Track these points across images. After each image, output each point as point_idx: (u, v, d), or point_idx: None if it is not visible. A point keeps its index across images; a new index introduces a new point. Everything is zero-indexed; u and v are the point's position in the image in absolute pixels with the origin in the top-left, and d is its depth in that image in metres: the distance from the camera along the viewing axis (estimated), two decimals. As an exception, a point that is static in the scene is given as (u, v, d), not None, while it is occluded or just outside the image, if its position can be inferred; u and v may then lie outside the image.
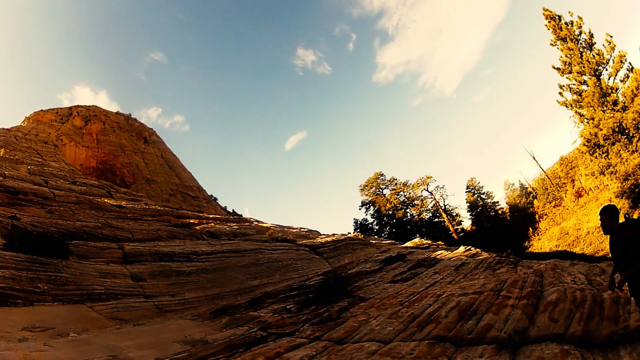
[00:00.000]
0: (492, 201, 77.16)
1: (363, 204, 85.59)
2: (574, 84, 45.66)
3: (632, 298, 6.34)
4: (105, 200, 30.62)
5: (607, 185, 48.83)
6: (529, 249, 55.41)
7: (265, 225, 35.52)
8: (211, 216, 35.75)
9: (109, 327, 12.22)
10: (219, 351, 8.73)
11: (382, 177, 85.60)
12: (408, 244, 30.07)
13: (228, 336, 10.12)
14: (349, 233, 40.53)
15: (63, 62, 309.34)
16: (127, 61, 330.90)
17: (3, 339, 10.50)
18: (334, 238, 31.23)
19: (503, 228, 67.61)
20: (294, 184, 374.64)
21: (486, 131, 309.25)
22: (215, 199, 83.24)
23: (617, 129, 39.95)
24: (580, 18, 45.77)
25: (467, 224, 79.77)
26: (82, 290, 14.45)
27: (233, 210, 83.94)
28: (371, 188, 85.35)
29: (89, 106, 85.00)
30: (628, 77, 42.81)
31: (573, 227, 50.81)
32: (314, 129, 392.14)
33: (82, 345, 10.23)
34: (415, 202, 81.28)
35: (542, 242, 55.43)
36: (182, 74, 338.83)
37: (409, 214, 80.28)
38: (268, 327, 10.54)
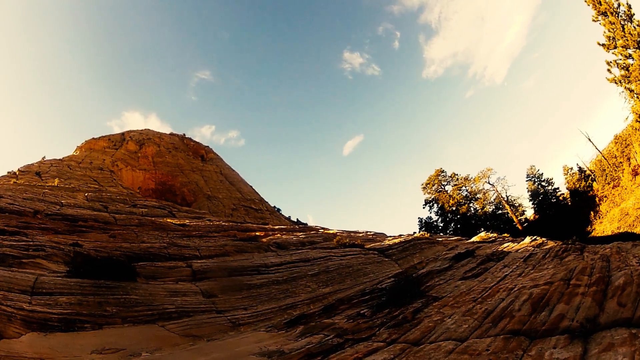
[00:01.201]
0: (552, 188, 75.46)
1: (426, 202, 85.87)
2: (620, 59, 44.70)
3: None
4: (168, 220, 31.39)
5: (663, 160, 46.91)
6: (592, 234, 54.48)
7: (331, 232, 35.78)
8: (276, 227, 36.10)
9: (183, 345, 12.25)
10: (298, 360, 8.61)
11: (443, 174, 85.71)
12: (474, 238, 29.59)
13: (304, 345, 10.04)
14: (414, 233, 40.83)
15: (109, 89, 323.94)
16: (175, 82, 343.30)
17: None
18: (402, 239, 31.33)
19: (565, 214, 66.92)
20: (355, 189, 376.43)
21: (540, 117, 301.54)
22: (279, 209, 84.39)
23: (666, 102, 38.40)
24: (616, -10, 44.74)
25: (529, 213, 78.57)
26: (153, 310, 14.71)
27: (297, 219, 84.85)
28: (433, 185, 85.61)
29: (142, 130, 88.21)
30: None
31: (632, 207, 49.31)
32: (370, 131, 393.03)
33: (156, 364, 10.26)
34: (478, 195, 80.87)
35: (604, 225, 54.13)
36: (231, 90, 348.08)
37: (472, 209, 79.98)
38: (344, 333, 10.44)
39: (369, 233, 38.78)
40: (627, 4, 43.90)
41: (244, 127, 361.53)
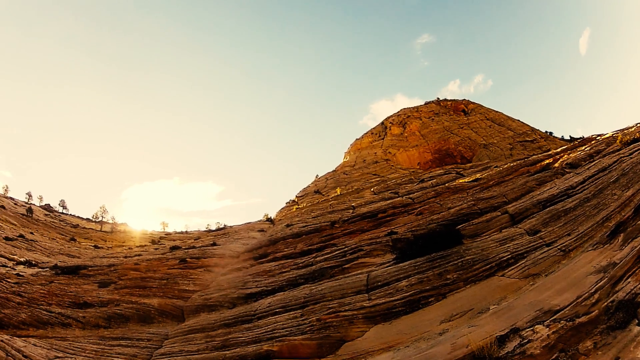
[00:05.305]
0: None
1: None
2: None
3: None
4: (460, 181, 32.21)
5: None
6: None
7: (607, 135, 33.34)
8: (559, 149, 34.52)
9: (524, 287, 12.71)
10: (631, 266, 8.69)
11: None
12: None
13: (629, 251, 9.88)
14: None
15: (348, 92, 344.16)
16: (402, 57, 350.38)
17: (423, 340, 11.83)
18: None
19: None
20: (604, 84, 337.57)
21: None
22: (551, 133, 79.75)
23: None
24: None
25: None
26: (490, 262, 15.60)
27: (570, 136, 79.07)
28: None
29: (398, 112, 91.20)
30: None
31: None
32: (595, 20, 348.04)
33: (506, 312, 10.86)
34: None
35: None
36: (456, 40, 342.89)
37: None
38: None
39: (638, 125, 35.50)
40: None
41: (486, 68, 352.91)
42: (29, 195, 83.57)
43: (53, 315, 24.43)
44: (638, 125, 35.58)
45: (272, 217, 60.57)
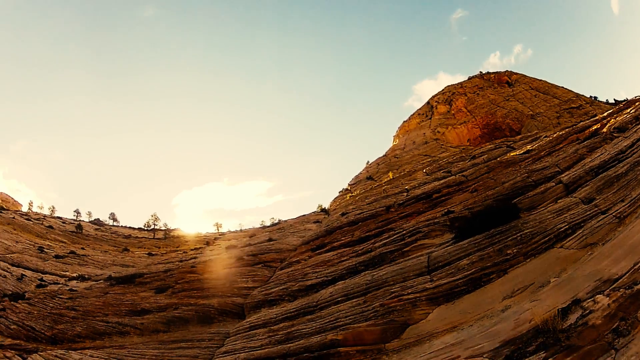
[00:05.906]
0: None
1: None
2: None
3: None
4: (511, 154, 31.72)
5: None
6: None
7: None
8: (605, 114, 33.56)
9: (583, 257, 12.75)
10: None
11: None
12: None
13: None
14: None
15: (389, 76, 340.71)
16: (440, 34, 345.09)
17: (486, 318, 12.05)
18: None
19: None
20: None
21: None
22: (595, 97, 77.47)
23: None
24: None
25: None
26: (548, 235, 15.42)
27: (615, 99, 76.58)
28: None
29: (442, 90, 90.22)
30: None
31: None
32: None
33: (566, 284, 11.03)
34: None
35: None
36: (493, 12, 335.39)
37: None
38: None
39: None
40: None
41: (525, 37, 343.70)
42: (77, 212, 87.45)
43: (110, 325, 25.62)
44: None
45: (326, 208, 60.73)
